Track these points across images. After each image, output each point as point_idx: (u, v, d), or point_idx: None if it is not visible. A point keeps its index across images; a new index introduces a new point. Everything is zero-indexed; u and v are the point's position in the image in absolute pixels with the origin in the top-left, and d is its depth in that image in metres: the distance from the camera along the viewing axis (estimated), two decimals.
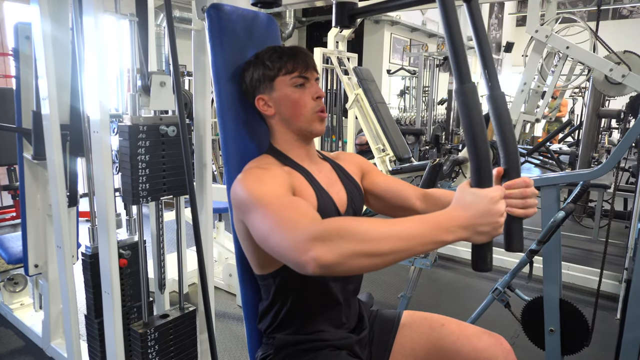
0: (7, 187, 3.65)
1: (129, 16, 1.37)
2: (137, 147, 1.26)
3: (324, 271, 0.70)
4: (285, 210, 0.81)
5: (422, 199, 1.14)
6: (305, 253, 0.70)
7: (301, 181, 1.02)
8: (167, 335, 1.42)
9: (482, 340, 1.08)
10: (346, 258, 0.70)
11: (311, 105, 1.05)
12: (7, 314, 2.48)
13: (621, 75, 2.35)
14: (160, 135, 1.31)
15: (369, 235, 0.71)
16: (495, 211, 0.74)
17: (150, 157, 1.29)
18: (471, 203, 0.75)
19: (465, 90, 0.76)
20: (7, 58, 4.40)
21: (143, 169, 1.28)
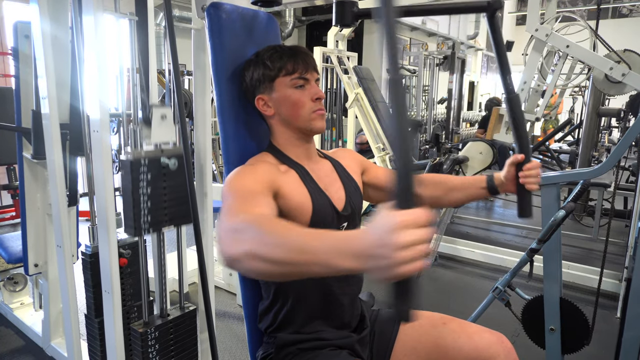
0: (6, 186, 3.65)
1: (128, 15, 1.37)
2: (138, 180, 1.27)
3: (228, 264, 0.69)
4: (239, 200, 0.84)
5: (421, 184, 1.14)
6: (219, 242, 0.71)
7: (294, 180, 1.02)
8: (167, 334, 1.41)
9: (483, 338, 1.08)
10: (243, 257, 0.66)
11: (310, 106, 1.05)
12: (7, 314, 2.48)
13: (621, 74, 2.34)
14: (161, 167, 1.33)
15: (268, 238, 0.65)
16: (387, 243, 0.54)
17: (152, 189, 1.31)
18: (373, 228, 0.56)
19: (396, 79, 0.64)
20: (6, 57, 4.40)
21: (145, 202, 1.30)
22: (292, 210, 0.98)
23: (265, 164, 1.02)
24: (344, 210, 1.08)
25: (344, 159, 1.19)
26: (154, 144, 1.32)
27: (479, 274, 3.30)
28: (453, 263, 3.50)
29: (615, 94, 2.87)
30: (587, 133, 4.40)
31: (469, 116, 8.70)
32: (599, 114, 4.40)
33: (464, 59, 6.38)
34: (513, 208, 5.29)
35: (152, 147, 1.31)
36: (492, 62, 13.13)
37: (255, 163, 1.03)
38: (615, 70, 2.36)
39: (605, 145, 5.19)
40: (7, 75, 4.34)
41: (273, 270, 0.64)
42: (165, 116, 1.34)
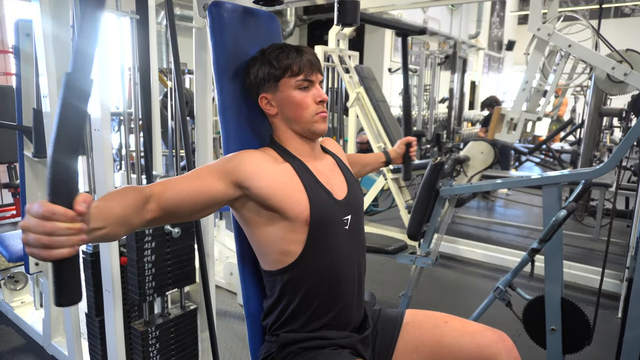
0: (7, 184, 3.64)
1: (129, 14, 1.37)
2: (143, 249, 1.30)
3: None
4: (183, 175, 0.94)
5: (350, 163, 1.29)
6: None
7: (285, 174, 1.02)
8: (168, 333, 1.41)
9: (485, 336, 1.08)
10: None
11: (313, 108, 1.05)
12: (7, 312, 2.48)
13: (623, 74, 2.34)
14: (165, 234, 1.36)
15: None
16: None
17: (156, 256, 1.34)
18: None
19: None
20: (7, 56, 4.40)
21: (149, 269, 1.33)
22: (278, 202, 0.98)
23: (250, 153, 1.02)
24: (344, 200, 1.07)
25: (337, 152, 1.22)
26: None
27: (480, 274, 3.29)
28: (454, 263, 3.49)
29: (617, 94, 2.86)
30: (589, 133, 4.40)
31: (470, 116, 8.69)
32: (601, 113, 4.39)
33: (465, 58, 6.37)
34: (514, 208, 5.29)
35: None
36: (493, 61, 13.12)
37: (252, 151, 1.04)
38: (617, 70, 2.35)
39: (607, 145, 5.19)
40: (9, 74, 4.34)
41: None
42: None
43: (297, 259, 1.01)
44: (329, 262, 1.02)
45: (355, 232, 1.09)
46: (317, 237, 1.00)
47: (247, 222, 1.03)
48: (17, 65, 1.93)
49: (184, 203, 0.91)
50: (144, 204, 0.83)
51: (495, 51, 13.00)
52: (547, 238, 1.58)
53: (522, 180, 1.86)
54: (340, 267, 1.04)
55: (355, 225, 1.08)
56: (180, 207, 0.90)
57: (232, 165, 0.97)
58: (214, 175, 0.95)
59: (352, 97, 3.79)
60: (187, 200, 0.91)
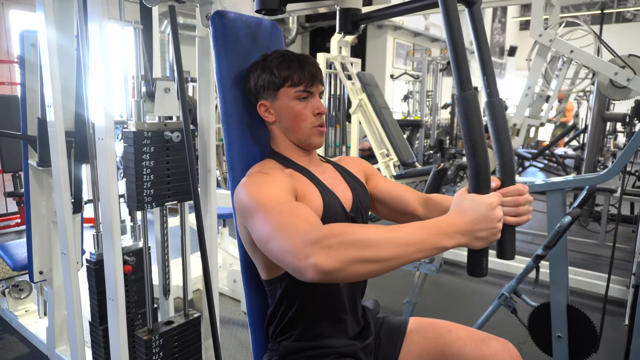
0: (12, 193, 3.65)
1: (133, 23, 1.38)
2: (141, 152, 1.26)
3: (324, 277, 0.69)
4: (286, 215, 0.80)
5: (423, 204, 1.14)
6: (304, 259, 0.70)
7: (304, 182, 1.02)
8: (171, 341, 1.41)
9: (490, 345, 1.07)
10: (346, 264, 0.69)
11: (311, 120, 1.05)
12: (12, 321, 2.48)
13: (626, 79, 2.34)
14: (164, 141, 1.31)
15: (368, 241, 0.71)
16: (493, 217, 0.76)
17: (154, 162, 1.29)
18: (470, 209, 0.76)
19: (466, 98, 0.77)
20: (12, 65, 4.44)
21: (147, 175, 1.28)
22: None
23: (276, 171, 1.00)
24: (351, 209, 1.07)
25: (347, 164, 1.19)
26: (158, 117, 1.31)
27: (484, 280, 3.27)
28: (458, 269, 3.48)
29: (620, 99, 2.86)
30: (593, 138, 4.38)
31: None
32: (604, 118, 4.38)
33: None
34: None
35: (156, 120, 1.30)
36: (495, 67, 13.12)
37: (267, 171, 0.99)
38: (620, 75, 2.35)
39: (611, 150, 5.17)
40: (14, 83, 4.37)
41: (378, 269, 0.72)
42: (168, 89, 1.33)
43: None
44: None
45: None
46: None
47: None
48: (22, 75, 1.95)
49: None
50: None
51: (497, 57, 13.02)
52: (551, 244, 1.57)
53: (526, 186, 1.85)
54: None
55: None
56: None
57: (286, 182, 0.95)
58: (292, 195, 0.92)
59: (355, 103, 3.80)
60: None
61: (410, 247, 0.72)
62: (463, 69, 0.77)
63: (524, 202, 0.83)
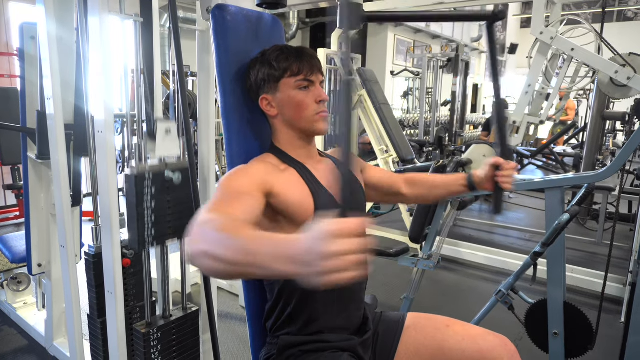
0: (10, 186, 3.65)
1: (133, 16, 1.37)
2: (143, 194, 1.28)
3: (188, 260, 0.69)
4: (220, 199, 0.85)
5: (409, 184, 1.26)
6: (185, 239, 0.70)
7: (292, 178, 1.03)
8: (169, 335, 1.42)
9: (487, 341, 1.08)
10: (198, 255, 0.67)
11: (313, 108, 1.05)
12: (10, 313, 2.49)
13: (626, 78, 2.34)
14: (165, 181, 1.34)
15: (221, 239, 0.65)
16: (316, 251, 0.55)
17: (156, 203, 1.31)
18: (306, 234, 0.58)
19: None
20: (12, 58, 4.42)
21: (149, 216, 1.31)
22: (290, 207, 0.99)
23: (261, 164, 1.03)
24: None
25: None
26: (159, 158, 1.33)
27: (481, 277, 3.29)
28: (456, 266, 3.49)
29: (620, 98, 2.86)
30: (592, 136, 4.38)
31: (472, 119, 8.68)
32: (604, 117, 4.38)
33: (467, 61, 6.37)
34: (516, 211, 5.27)
35: (157, 161, 1.32)
36: None
37: (252, 163, 1.04)
38: (621, 74, 2.35)
39: (610, 148, 5.17)
40: (13, 76, 4.36)
41: (222, 270, 0.65)
42: (169, 130, 1.35)
43: None
44: None
45: None
46: None
47: None
48: (21, 67, 1.94)
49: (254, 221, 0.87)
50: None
51: (498, 54, 12.99)
52: (549, 241, 1.58)
53: (525, 184, 1.86)
54: None
55: None
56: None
57: (258, 176, 0.97)
58: (254, 189, 0.93)
59: (355, 99, 3.79)
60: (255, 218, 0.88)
61: (245, 257, 0.62)
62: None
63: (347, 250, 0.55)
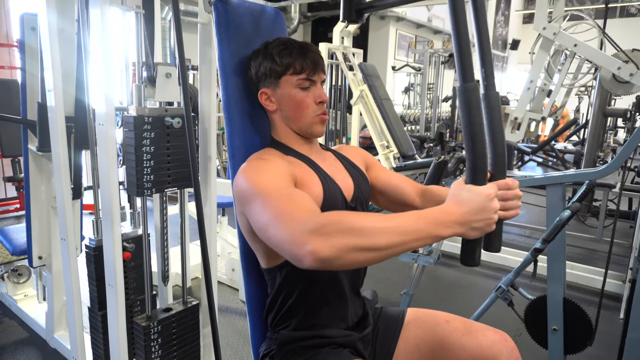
0: (11, 178, 3.65)
1: (135, 8, 1.36)
2: (142, 138, 1.25)
3: (321, 265, 0.69)
4: (284, 202, 0.81)
5: (420, 195, 1.16)
6: (302, 246, 0.70)
7: (304, 170, 1.02)
8: (170, 328, 1.42)
9: (486, 336, 1.08)
10: (343, 252, 0.69)
11: (313, 109, 1.04)
12: (11, 305, 2.50)
13: (629, 74, 2.33)
14: (165, 127, 1.30)
15: (365, 229, 0.70)
16: (490, 208, 0.77)
17: (155, 148, 1.28)
18: (467, 199, 0.77)
19: (468, 89, 0.78)
20: (12, 49, 4.40)
21: (148, 161, 1.27)
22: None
23: (276, 157, 1.01)
24: (352, 198, 1.07)
25: (348, 153, 1.19)
26: (159, 103, 1.31)
27: (481, 273, 3.29)
28: (456, 262, 3.49)
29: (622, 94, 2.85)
30: (593, 133, 4.37)
31: None
32: (605, 114, 4.37)
33: None
34: None
35: (157, 105, 1.30)
36: (497, 60, 13.07)
37: (266, 157, 1.00)
38: (623, 70, 2.34)
39: (611, 145, 5.16)
40: (13, 68, 4.35)
41: (374, 257, 0.72)
42: (170, 74, 1.33)
43: None
44: None
45: None
46: None
47: None
48: (22, 59, 1.93)
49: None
50: None
51: (500, 50, 12.95)
52: (550, 238, 1.58)
53: (526, 180, 1.86)
54: None
55: None
56: None
57: (285, 169, 0.95)
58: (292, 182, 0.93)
59: (356, 94, 3.78)
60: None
61: (407, 236, 0.72)
62: (466, 60, 0.77)
63: (513, 197, 0.83)
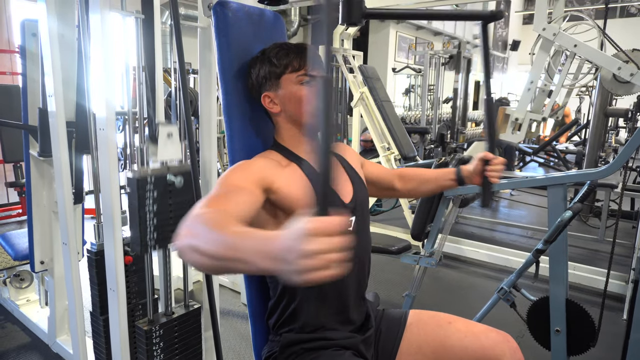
0: (13, 183, 3.66)
1: (134, 13, 1.37)
2: (145, 198, 1.28)
3: (177, 254, 0.70)
4: (214, 195, 0.85)
5: (399, 178, 1.30)
6: (177, 235, 0.70)
7: (295, 174, 1.02)
8: (171, 332, 1.42)
9: (489, 337, 1.08)
10: (186, 249, 0.68)
11: None
12: (13, 310, 2.50)
13: (629, 74, 2.33)
14: (167, 185, 1.34)
15: (206, 233, 0.66)
16: (295, 249, 0.55)
17: (158, 206, 1.31)
18: (286, 232, 0.58)
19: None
20: (13, 55, 4.42)
21: (151, 219, 1.31)
22: (291, 203, 0.98)
23: (263, 159, 1.02)
24: (351, 201, 1.07)
25: (346, 154, 1.20)
26: (160, 162, 1.33)
27: (483, 275, 3.28)
28: (457, 263, 3.48)
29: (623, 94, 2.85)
30: (594, 133, 4.37)
31: (474, 116, 8.67)
32: (607, 114, 4.37)
33: (470, 58, 6.36)
34: (518, 208, 5.27)
35: (159, 164, 1.32)
36: (497, 61, 13.07)
37: (254, 159, 1.03)
38: (624, 70, 2.34)
39: (613, 145, 5.15)
40: (15, 73, 4.36)
41: (208, 264, 0.66)
42: (171, 134, 1.35)
43: None
44: None
45: (360, 233, 1.09)
46: None
47: (258, 226, 1.03)
48: (23, 65, 1.94)
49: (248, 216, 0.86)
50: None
51: (500, 51, 12.95)
52: (552, 239, 1.57)
53: (527, 181, 1.85)
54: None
55: (359, 227, 1.08)
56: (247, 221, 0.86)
57: (258, 172, 0.96)
58: (252, 185, 0.93)
59: (356, 97, 3.78)
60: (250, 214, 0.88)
61: (229, 252, 0.62)
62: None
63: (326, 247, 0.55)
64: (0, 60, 4.37)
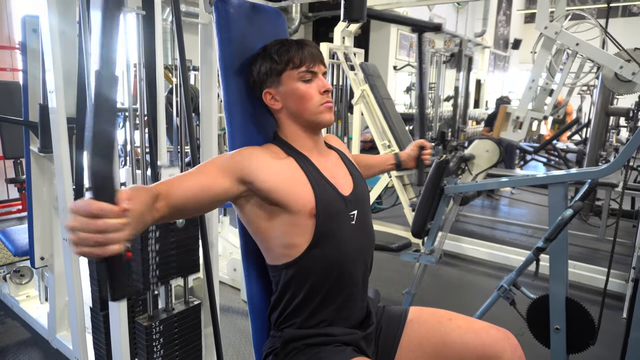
0: (13, 180, 3.67)
1: (135, 10, 1.37)
2: (147, 239, 1.30)
3: None
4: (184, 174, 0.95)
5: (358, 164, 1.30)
6: None
7: (288, 169, 1.02)
8: (171, 328, 1.42)
9: (489, 334, 1.08)
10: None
11: (317, 99, 1.05)
12: (13, 306, 2.50)
13: (631, 73, 2.32)
14: (169, 224, 1.36)
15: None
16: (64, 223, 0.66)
17: (160, 245, 1.34)
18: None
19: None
20: (14, 51, 4.42)
21: (153, 258, 1.33)
22: (282, 197, 0.98)
23: (257, 149, 1.03)
24: (351, 196, 1.07)
25: (341, 147, 1.22)
26: None
27: (483, 272, 3.29)
28: (458, 261, 3.49)
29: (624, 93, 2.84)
30: (595, 132, 4.37)
31: (475, 114, 8.65)
32: (608, 113, 4.36)
33: (471, 56, 6.35)
34: (519, 207, 5.26)
35: None
36: (499, 60, 13.05)
37: (246, 147, 1.05)
38: (626, 69, 2.33)
39: (614, 144, 5.15)
40: (15, 70, 4.36)
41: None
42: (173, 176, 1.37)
43: (303, 253, 1.01)
44: (335, 258, 1.02)
45: (362, 227, 1.09)
46: (323, 231, 1.00)
47: (250, 218, 1.03)
48: (23, 61, 1.94)
49: (190, 200, 0.91)
50: (154, 203, 0.83)
51: (501, 50, 12.93)
52: (552, 237, 1.57)
53: (528, 179, 1.85)
54: (346, 263, 1.04)
55: (361, 221, 1.08)
56: (187, 204, 0.91)
57: (236, 162, 0.98)
58: (218, 172, 0.96)
59: (357, 94, 3.78)
60: (194, 197, 0.92)
61: None
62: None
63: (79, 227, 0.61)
64: (1, 57, 4.37)
